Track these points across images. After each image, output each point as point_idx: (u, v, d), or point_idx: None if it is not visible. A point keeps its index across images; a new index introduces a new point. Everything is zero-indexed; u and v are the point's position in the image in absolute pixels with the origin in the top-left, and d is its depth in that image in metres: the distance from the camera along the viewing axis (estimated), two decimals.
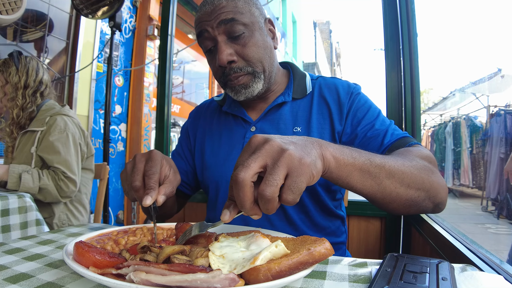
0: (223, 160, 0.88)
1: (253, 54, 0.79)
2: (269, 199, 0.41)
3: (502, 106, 5.96)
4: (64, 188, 1.45)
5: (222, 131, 0.93)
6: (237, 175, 0.41)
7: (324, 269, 0.46)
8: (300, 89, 0.89)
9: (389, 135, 0.76)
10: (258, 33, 0.81)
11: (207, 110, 1.03)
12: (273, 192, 0.40)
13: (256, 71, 0.80)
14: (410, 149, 0.70)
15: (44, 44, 3.07)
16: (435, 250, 0.82)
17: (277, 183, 0.41)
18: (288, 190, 0.42)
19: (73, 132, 1.53)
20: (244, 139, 0.87)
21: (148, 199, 0.54)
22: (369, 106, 0.84)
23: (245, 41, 0.78)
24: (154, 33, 3.93)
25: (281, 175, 0.41)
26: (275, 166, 0.41)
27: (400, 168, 0.57)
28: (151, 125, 4.10)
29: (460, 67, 19.02)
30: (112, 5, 2.19)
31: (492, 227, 5.27)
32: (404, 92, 1.36)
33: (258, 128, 0.87)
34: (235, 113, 0.91)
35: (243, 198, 0.41)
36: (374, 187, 0.55)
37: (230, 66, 0.79)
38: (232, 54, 0.78)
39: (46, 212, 1.50)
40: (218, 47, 0.77)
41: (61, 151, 1.47)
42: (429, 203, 0.63)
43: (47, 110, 1.57)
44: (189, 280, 0.33)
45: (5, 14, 2.00)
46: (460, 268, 0.44)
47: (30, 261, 0.50)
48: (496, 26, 20.12)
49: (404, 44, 1.36)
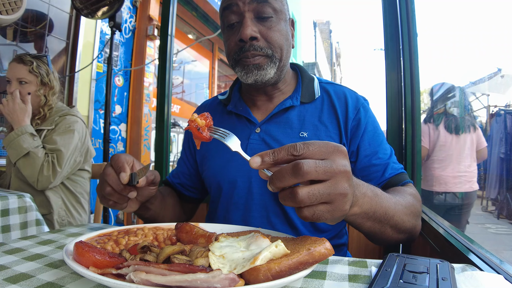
0: (226, 162, 0.86)
1: (276, 39, 0.78)
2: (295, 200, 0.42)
3: (502, 106, 5.96)
4: (45, 169, 1.43)
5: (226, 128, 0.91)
6: (304, 166, 0.41)
7: (324, 269, 0.46)
8: (308, 94, 0.88)
9: (389, 168, 0.80)
10: (284, 23, 0.82)
11: (209, 109, 1.01)
12: (303, 199, 0.42)
13: (274, 56, 0.79)
14: (406, 189, 0.76)
15: (44, 44, 3.07)
16: (435, 250, 0.82)
17: (318, 198, 0.42)
18: (311, 211, 0.43)
19: (79, 131, 1.57)
20: (249, 140, 0.84)
21: (123, 175, 0.59)
22: (375, 129, 0.84)
23: (271, 24, 0.78)
24: (154, 33, 3.93)
25: (323, 198, 0.43)
26: (329, 189, 0.43)
27: (402, 218, 0.64)
28: (151, 125, 4.10)
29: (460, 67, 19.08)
30: (112, 5, 2.18)
31: (492, 227, 5.27)
32: (404, 92, 1.35)
33: (263, 130, 0.85)
34: (240, 113, 0.89)
35: (286, 181, 0.42)
36: (377, 232, 0.61)
37: (250, 43, 0.77)
38: (256, 31, 0.77)
39: (45, 208, 1.50)
40: (244, 22, 0.77)
41: (59, 142, 1.49)
42: (406, 241, 0.72)
43: (57, 111, 1.62)
44: (189, 280, 0.33)
45: (5, 14, 2.00)
46: (460, 268, 0.44)
47: (30, 261, 0.50)
48: (496, 26, 20.15)
49: (404, 44, 1.36)
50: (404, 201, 0.67)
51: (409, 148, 1.33)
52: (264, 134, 0.84)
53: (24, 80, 1.53)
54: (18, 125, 1.44)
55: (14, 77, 1.52)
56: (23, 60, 1.54)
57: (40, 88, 1.57)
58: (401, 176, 0.80)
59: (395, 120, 1.36)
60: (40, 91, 1.57)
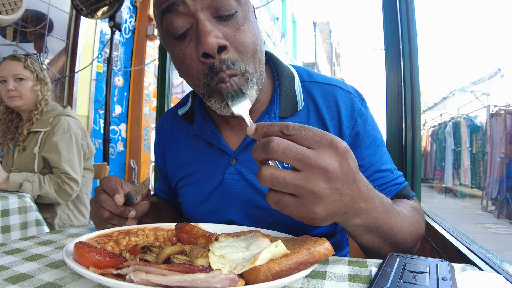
0: (199, 202, 0.72)
1: (248, 43, 0.57)
2: (260, 179, 0.40)
3: (502, 106, 5.96)
4: (68, 190, 1.47)
5: (196, 161, 0.74)
6: (274, 143, 0.39)
7: (324, 269, 0.46)
8: (289, 102, 0.68)
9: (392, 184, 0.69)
10: (252, 16, 0.61)
11: (173, 125, 0.82)
12: (265, 180, 0.40)
13: (248, 72, 0.58)
14: (411, 203, 0.66)
15: (44, 44, 3.08)
16: (435, 250, 0.82)
17: (280, 188, 0.40)
18: (275, 195, 0.41)
19: (76, 133, 1.56)
20: (224, 175, 0.68)
21: (118, 196, 0.58)
22: (374, 140, 0.69)
23: (238, 22, 0.57)
24: (154, 33, 3.93)
25: (287, 189, 0.40)
26: (295, 182, 0.39)
27: (405, 237, 0.55)
28: (151, 125, 4.10)
29: (460, 67, 18.98)
30: (112, 5, 2.19)
31: (492, 227, 5.27)
32: (404, 92, 1.36)
33: (240, 161, 0.68)
34: (208, 140, 0.70)
35: (257, 154, 0.41)
36: (375, 247, 0.53)
37: (220, 58, 0.55)
38: (221, 37, 0.55)
39: (48, 212, 1.51)
40: (200, 28, 0.54)
41: (65, 151, 1.48)
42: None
43: (50, 111, 1.60)
44: (189, 280, 0.33)
45: (5, 14, 2.00)
46: (460, 268, 0.44)
47: (30, 261, 0.50)
48: (496, 26, 20.08)
49: (404, 44, 1.36)
50: (411, 219, 0.59)
51: (409, 148, 1.33)
52: (241, 167, 0.67)
53: (20, 77, 1.53)
54: (5, 185, 1.38)
55: (10, 75, 1.51)
56: (16, 58, 1.55)
57: (37, 83, 1.57)
58: (405, 191, 0.70)
59: (395, 120, 1.36)
60: (36, 87, 1.57)
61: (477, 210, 6.49)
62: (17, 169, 1.49)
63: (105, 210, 0.60)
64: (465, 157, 7.50)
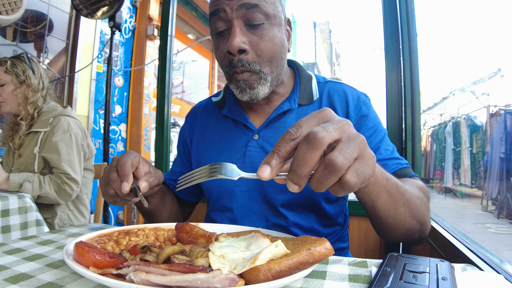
0: None
1: (267, 50, 0.72)
2: (337, 169, 0.37)
3: (502, 106, 5.96)
4: (68, 191, 1.46)
5: (222, 136, 0.87)
6: (317, 133, 0.37)
7: (324, 269, 0.46)
8: (307, 94, 0.83)
9: (393, 163, 0.76)
10: (277, 29, 0.75)
11: (203, 112, 0.97)
12: (343, 163, 0.38)
13: (262, 72, 0.73)
14: (413, 180, 0.71)
15: (44, 44, 3.07)
16: (435, 250, 0.82)
17: (351, 156, 0.39)
18: (354, 172, 0.39)
19: (76, 133, 1.55)
20: (247, 147, 0.81)
21: (125, 185, 0.60)
22: (376, 126, 0.80)
23: (263, 33, 0.72)
24: (154, 33, 3.93)
25: (355, 153, 0.39)
26: (351, 143, 0.39)
27: (413, 199, 0.60)
28: (151, 125, 4.10)
29: (460, 67, 18.99)
30: (112, 5, 2.18)
31: (492, 227, 5.27)
32: (404, 92, 1.36)
33: (261, 137, 0.81)
34: (236, 118, 0.84)
35: (310, 159, 0.38)
36: (392, 211, 0.57)
37: (239, 57, 0.71)
38: (245, 42, 0.70)
39: (48, 212, 1.51)
40: (232, 31, 0.70)
41: (65, 151, 1.48)
42: (417, 235, 0.65)
43: (50, 111, 1.59)
44: (189, 280, 0.33)
45: (5, 14, 2.00)
46: (460, 268, 0.44)
47: (30, 261, 0.50)
48: (496, 26, 20.14)
49: (404, 44, 1.36)
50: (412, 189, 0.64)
51: (409, 148, 1.33)
52: (263, 141, 0.80)
53: (1, 82, 1.51)
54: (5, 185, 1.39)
55: None
56: None
57: (18, 86, 1.54)
58: (406, 170, 0.76)
59: (395, 120, 1.37)
60: (17, 90, 1.53)
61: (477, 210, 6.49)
62: (18, 169, 1.49)
63: (111, 189, 0.64)
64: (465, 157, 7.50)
